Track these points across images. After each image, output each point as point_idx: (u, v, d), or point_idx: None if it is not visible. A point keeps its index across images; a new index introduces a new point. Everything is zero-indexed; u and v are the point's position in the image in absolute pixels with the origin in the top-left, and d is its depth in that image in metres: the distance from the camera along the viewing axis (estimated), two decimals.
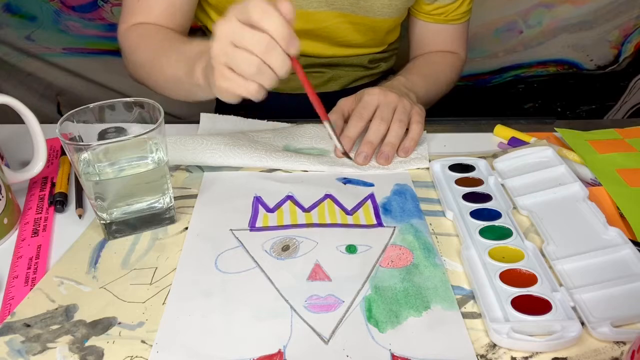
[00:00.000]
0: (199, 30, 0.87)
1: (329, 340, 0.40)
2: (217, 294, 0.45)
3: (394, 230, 0.52)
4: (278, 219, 0.53)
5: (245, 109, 0.66)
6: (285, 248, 0.49)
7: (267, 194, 0.57)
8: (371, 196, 0.57)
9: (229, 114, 0.70)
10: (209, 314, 0.43)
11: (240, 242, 0.50)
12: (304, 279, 0.46)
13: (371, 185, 0.58)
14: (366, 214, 0.54)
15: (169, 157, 0.60)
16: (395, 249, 0.49)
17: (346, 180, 0.59)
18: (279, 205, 0.55)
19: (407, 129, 0.63)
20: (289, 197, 0.56)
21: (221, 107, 0.91)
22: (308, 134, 0.66)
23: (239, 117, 0.70)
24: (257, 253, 0.49)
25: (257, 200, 0.56)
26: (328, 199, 0.56)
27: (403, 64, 0.83)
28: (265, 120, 0.70)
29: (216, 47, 0.49)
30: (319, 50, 0.80)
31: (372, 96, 0.63)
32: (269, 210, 0.55)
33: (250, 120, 0.70)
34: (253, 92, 0.50)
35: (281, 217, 0.54)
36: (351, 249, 0.49)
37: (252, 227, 0.52)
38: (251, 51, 0.47)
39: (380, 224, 0.53)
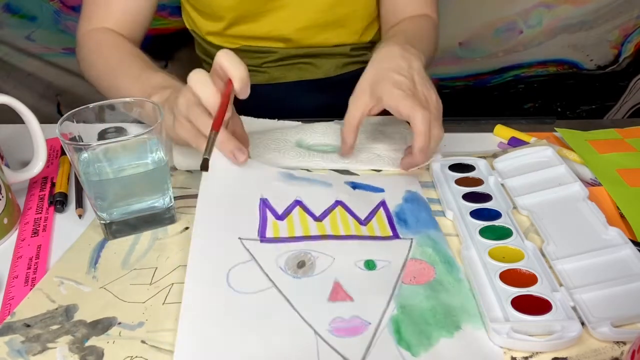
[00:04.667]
0: (186, 31, 0.88)
1: None
2: (234, 316, 0.41)
3: (412, 242, 0.49)
4: (289, 228, 0.50)
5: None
6: (301, 265, 0.46)
7: (273, 197, 0.53)
8: (383, 203, 0.54)
9: None
10: (229, 338, 0.40)
11: (252, 255, 0.46)
12: (324, 299, 0.43)
13: (381, 190, 0.56)
14: (380, 224, 0.51)
15: (180, 162, 0.60)
16: (416, 263, 0.47)
17: (354, 185, 0.57)
18: (288, 212, 0.51)
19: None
20: (298, 203, 0.53)
21: None
22: (320, 131, 0.66)
23: (250, 117, 0.69)
24: (271, 270, 0.45)
25: (264, 204, 0.52)
26: (339, 206, 0.53)
27: None
28: (276, 120, 0.70)
29: (181, 98, 0.52)
30: (300, 35, 0.80)
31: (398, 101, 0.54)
32: (278, 217, 0.51)
33: (260, 120, 0.70)
34: (199, 144, 0.51)
35: (292, 226, 0.50)
36: (370, 265, 0.46)
37: (263, 237, 0.48)
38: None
39: (396, 236, 0.50)
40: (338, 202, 0.53)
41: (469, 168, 0.60)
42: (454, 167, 0.60)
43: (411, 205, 0.54)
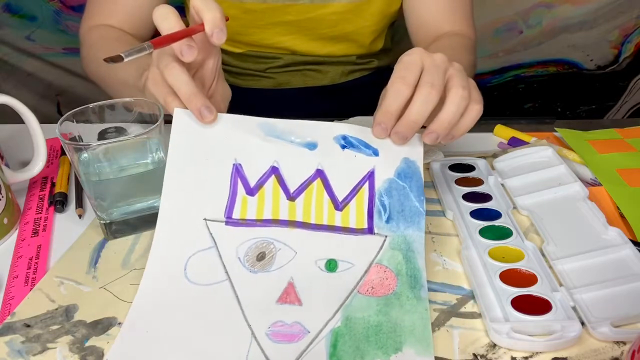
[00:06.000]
0: None
1: None
2: (181, 308, 0.42)
3: (384, 242, 0.46)
4: (258, 207, 0.47)
5: (239, 108, 0.66)
6: (261, 256, 0.45)
7: (248, 160, 0.48)
8: (370, 175, 0.48)
9: None
10: (168, 331, 0.40)
11: (214, 241, 0.46)
12: (273, 300, 0.42)
13: (375, 153, 0.49)
14: (358, 209, 0.48)
15: None
16: (380, 271, 0.45)
17: (345, 143, 0.49)
18: (261, 184, 0.48)
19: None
20: (274, 170, 0.48)
21: None
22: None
23: (249, 117, 0.68)
24: (230, 261, 0.45)
25: (237, 171, 0.48)
26: (318, 179, 0.48)
27: None
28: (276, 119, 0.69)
29: (155, 52, 0.48)
30: (305, 47, 0.80)
31: (414, 55, 0.47)
32: (249, 191, 0.48)
33: (258, 118, 0.69)
34: (169, 105, 0.48)
35: (262, 204, 0.47)
36: (331, 265, 0.45)
37: (229, 217, 0.47)
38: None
39: (370, 230, 0.47)
40: (318, 173, 0.49)
41: (469, 168, 0.60)
42: (454, 167, 0.60)
43: (402, 184, 0.48)
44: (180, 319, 0.41)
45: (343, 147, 0.49)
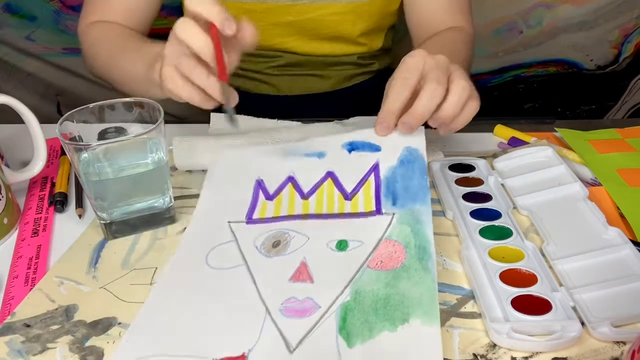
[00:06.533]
0: None
1: (294, 350, 0.39)
2: (198, 291, 0.44)
3: (392, 218, 0.49)
4: (275, 208, 0.52)
5: (239, 112, 0.66)
6: (276, 244, 0.48)
7: (269, 175, 0.55)
8: (375, 168, 0.52)
9: None
10: (187, 310, 0.42)
11: (235, 236, 0.49)
12: (286, 279, 0.45)
13: (378, 149, 0.53)
14: (366, 197, 0.51)
15: (180, 162, 0.60)
16: (389, 245, 0.47)
17: (351, 147, 0.55)
18: (279, 190, 0.54)
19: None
20: (290, 179, 0.54)
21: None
22: (321, 131, 0.65)
23: (250, 117, 0.68)
24: (247, 249, 0.48)
25: (259, 185, 0.54)
26: (329, 179, 0.53)
27: None
28: (276, 120, 0.69)
29: (168, 49, 0.50)
30: (305, 48, 0.79)
31: (416, 58, 0.51)
32: (268, 197, 0.53)
33: (261, 119, 0.69)
34: (193, 99, 0.50)
35: (279, 206, 0.52)
36: (342, 245, 0.47)
37: (249, 219, 0.51)
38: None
39: (378, 210, 0.50)
40: (329, 174, 0.54)
41: (469, 168, 0.60)
42: (454, 167, 0.60)
43: (405, 168, 0.52)
44: (199, 298, 0.43)
45: (350, 150, 0.55)
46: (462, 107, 0.51)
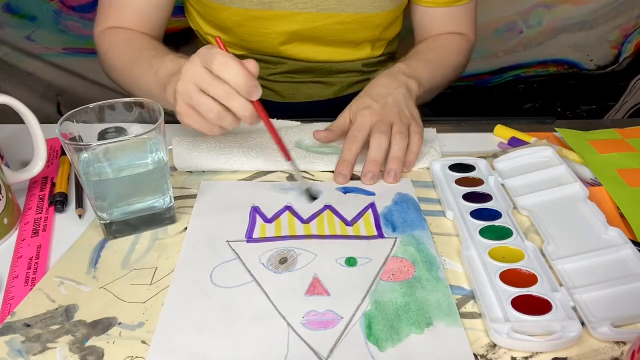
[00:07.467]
0: (185, 31, 0.88)
1: (327, 359, 0.39)
2: (211, 309, 0.43)
3: (395, 241, 0.50)
4: (276, 229, 0.52)
5: None
6: (283, 260, 0.48)
7: (265, 205, 0.55)
8: (372, 205, 0.55)
9: None
10: (202, 331, 0.42)
11: (237, 254, 0.49)
12: (301, 293, 0.45)
13: (372, 194, 0.57)
14: (367, 224, 0.53)
15: (179, 163, 0.60)
16: (397, 261, 0.48)
17: (346, 190, 0.58)
18: (277, 216, 0.54)
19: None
20: (288, 208, 0.55)
21: None
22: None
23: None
24: (253, 266, 0.48)
25: (255, 211, 0.55)
26: (327, 210, 0.55)
27: None
28: (275, 119, 0.69)
29: (182, 86, 0.52)
30: (309, 54, 0.79)
31: (365, 117, 0.60)
32: (267, 220, 0.53)
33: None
34: (214, 132, 0.53)
35: (279, 228, 0.52)
36: (351, 261, 0.48)
37: (249, 238, 0.51)
38: (213, 97, 0.50)
39: (380, 235, 0.51)
40: (327, 207, 0.55)
41: (469, 168, 0.60)
42: (454, 167, 0.60)
43: (400, 206, 0.55)
44: (211, 320, 0.43)
45: (345, 192, 0.58)
46: (405, 150, 0.59)
